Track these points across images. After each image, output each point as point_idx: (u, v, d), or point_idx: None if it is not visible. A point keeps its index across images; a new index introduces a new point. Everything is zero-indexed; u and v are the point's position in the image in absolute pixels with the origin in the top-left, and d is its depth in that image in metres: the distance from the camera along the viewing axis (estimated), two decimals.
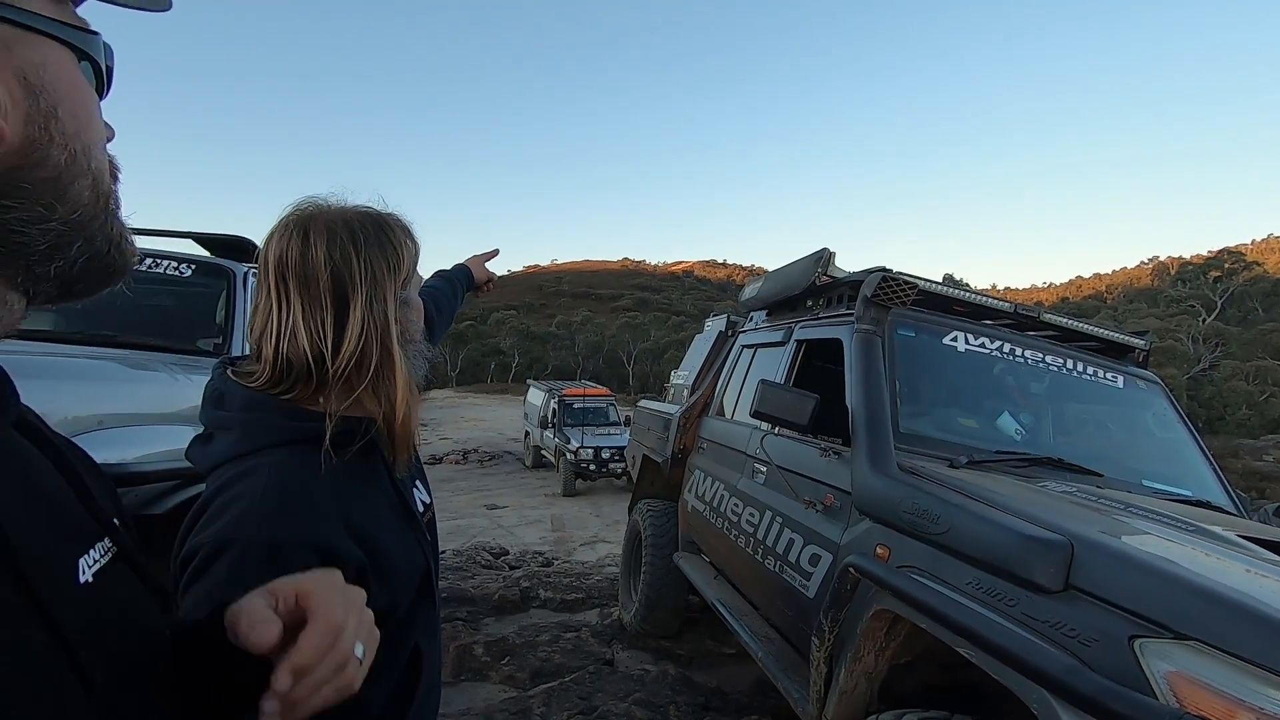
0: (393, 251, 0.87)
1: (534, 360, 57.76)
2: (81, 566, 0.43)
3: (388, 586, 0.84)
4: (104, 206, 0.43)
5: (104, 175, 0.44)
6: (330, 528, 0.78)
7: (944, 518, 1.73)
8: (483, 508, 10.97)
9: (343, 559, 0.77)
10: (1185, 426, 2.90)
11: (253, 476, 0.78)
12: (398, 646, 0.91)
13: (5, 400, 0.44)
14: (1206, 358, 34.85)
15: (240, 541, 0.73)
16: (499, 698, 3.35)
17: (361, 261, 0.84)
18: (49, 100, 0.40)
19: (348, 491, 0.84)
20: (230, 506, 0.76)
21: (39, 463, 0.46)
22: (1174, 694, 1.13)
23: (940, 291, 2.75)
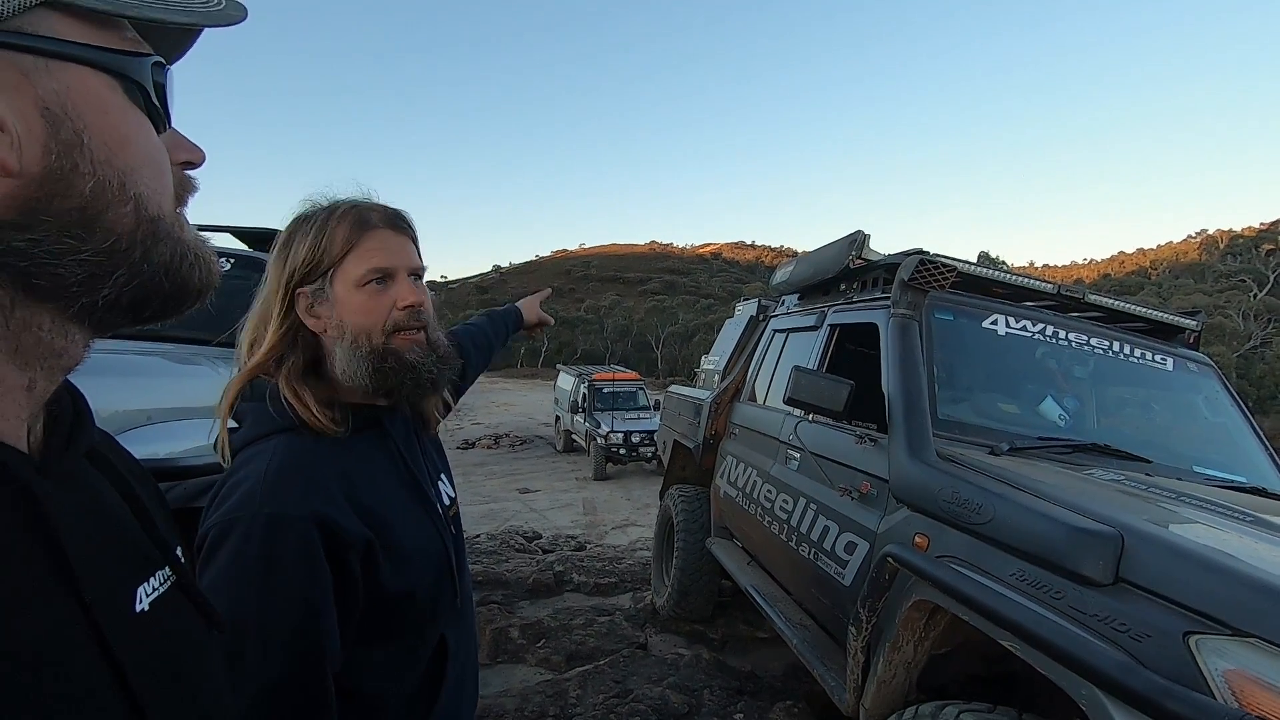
0: (293, 245, 0.92)
1: (563, 345, 58.05)
2: (140, 595, 0.43)
3: (402, 568, 0.86)
4: (149, 232, 0.42)
5: (152, 200, 0.42)
6: (332, 504, 0.80)
7: (986, 507, 1.69)
8: (515, 491, 11.12)
9: (345, 533, 0.79)
10: (1239, 409, 2.79)
11: (257, 459, 0.82)
12: (418, 637, 0.92)
13: (83, 430, 0.45)
14: (1258, 335, 33.56)
15: (245, 519, 0.76)
16: (535, 680, 3.40)
17: (278, 258, 0.93)
18: (73, 128, 0.39)
19: (356, 473, 0.86)
20: (237, 488, 0.79)
21: (106, 492, 0.46)
22: (1233, 693, 1.09)
23: (979, 274, 2.68)
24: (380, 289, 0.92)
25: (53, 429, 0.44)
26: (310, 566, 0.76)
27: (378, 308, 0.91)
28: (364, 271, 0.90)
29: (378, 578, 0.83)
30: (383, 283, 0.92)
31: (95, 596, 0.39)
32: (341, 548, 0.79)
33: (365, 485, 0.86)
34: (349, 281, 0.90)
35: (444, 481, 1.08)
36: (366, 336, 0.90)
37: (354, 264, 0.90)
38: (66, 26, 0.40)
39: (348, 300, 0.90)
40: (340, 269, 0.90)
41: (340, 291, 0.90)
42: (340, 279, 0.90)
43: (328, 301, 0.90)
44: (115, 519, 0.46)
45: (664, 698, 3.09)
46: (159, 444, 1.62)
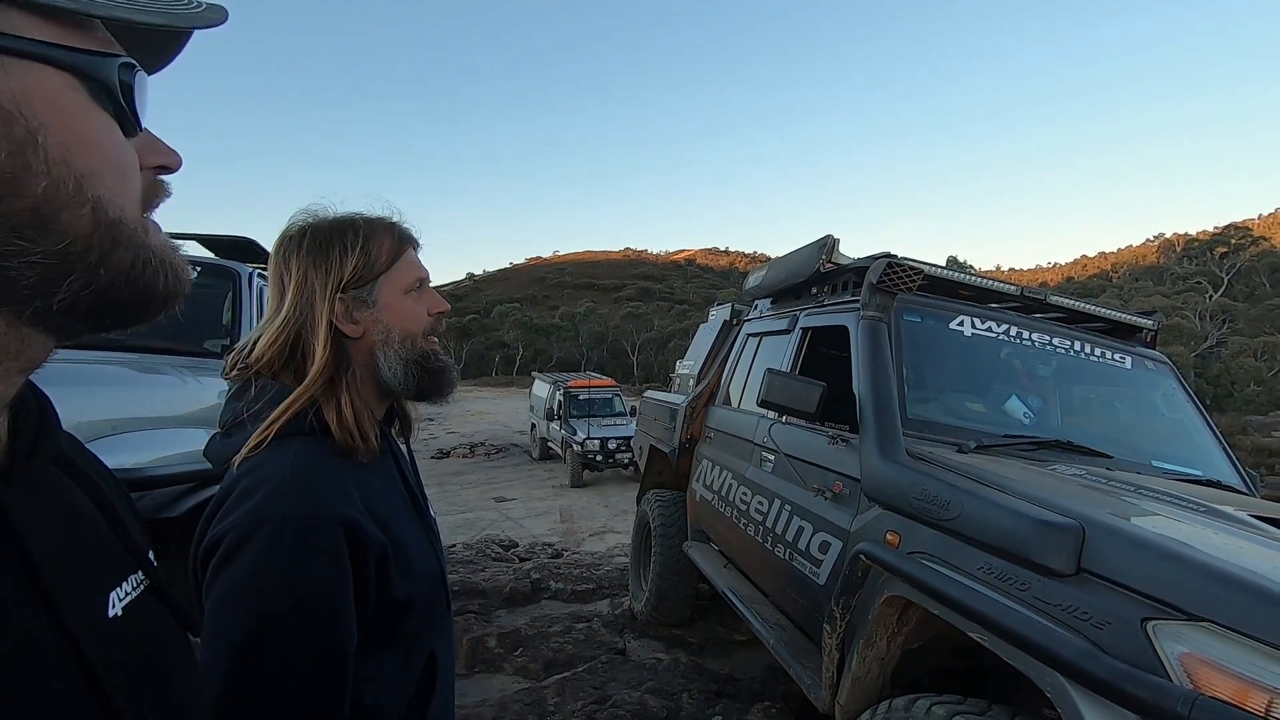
0: (333, 254, 0.92)
1: (538, 352, 57.83)
2: (112, 600, 0.43)
3: (407, 579, 0.87)
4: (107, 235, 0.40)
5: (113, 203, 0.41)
6: (355, 507, 0.81)
7: (954, 503, 1.73)
8: (491, 500, 11.03)
9: (369, 539, 0.80)
10: (1194, 406, 2.89)
11: (279, 460, 0.81)
12: (414, 650, 0.92)
13: (49, 436, 0.44)
14: (1214, 334, 34.69)
15: (274, 519, 0.75)
16: (513, 689, 3.38)
17: (297, 263, 0.92)
18: (26, 127, 0.37)
19: (368, 482, 0.87)
20: (258, 488, 0.78)
21: (75, 496, 0.46)
22: (1188, 675, 1.13)
23: (946, 276, 2.74)
24: (419, 296, 0.98)
25: (17, 434, 0.43)
26: (338, 570, 0.76)
27: (420, 313, 0.98)
28: (413, 280, 0.97)
29: (389, 586, 0.83)
30: (419, 290, 0.98)
31: (66, 602, 0.38)
32: (362, 552, 0.79)
33: (377, 498, 0.88)
34: (398, 288, 0.95)
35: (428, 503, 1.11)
36: (412, 340, 0.96)
37: (403, 273, 0.96)
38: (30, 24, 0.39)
39: (396, 305, 0.95)
40: (388, 277, 0.95)
41: (388, 297, 0.94)
42: (388, 286, 0.95)
43: (371, 307, 0.93)
44: (85, 524, 0.46)
45: (643, 702, 3.09)
46: (125, 454, 1.58)
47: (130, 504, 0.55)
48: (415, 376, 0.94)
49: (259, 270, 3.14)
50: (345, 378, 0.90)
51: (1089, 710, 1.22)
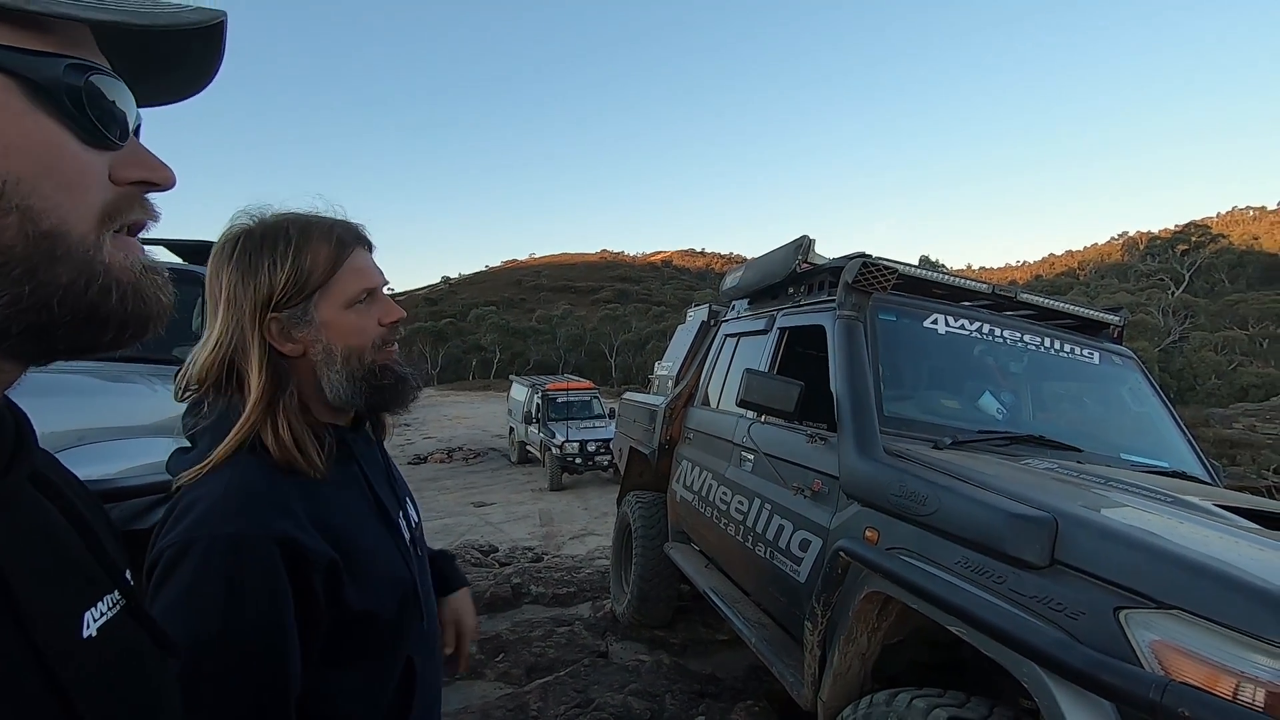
0: (260, 266, 0.85)
1: (515, 356, 57.53)
2: (87, 620, 0.42)
3: (367, 589, 0.84)
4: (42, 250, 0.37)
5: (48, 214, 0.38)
6: (294, 523, 0.78)
7: (931, 499, 1.75)
8: (470, 505, 10.94)
9: (310, 554, 0.78)
10: (1160, 399, 2.96)
11: (218, 477, 0.80)
12: (384, 661, 0.91)
13: (24, 454, 0.43)
14: (1176, 330, 35.64)
15: (204, 539, 0.74)
16: (495, 695, 3.35)
17: (225, 276, 0.86)
18: None
19: (320, 493, 0.85)
20: (194, 506, 0.77)
21: (51, 516, 0.45)
22: (1159, 662, 1.16)
23: (920, 275, 2.78)
24: (366, 308, 0.91)
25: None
26: (273, 588, 0.74)
27: (368, 326, 0.91)
28: (356, 291, 0.90)
29: (342, 599, 0.81)
30: (366, 301, 0.91)
31: (38, 623, 0.38)
32: (305, 568, 0.77)
33: (329, 506, 0.85)
34: (337, 303, 0.88)
35: (409, 504, 1.08)
36: (359, 357, 0.90)
37: (343, 285, 0.89)
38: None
39: (337, 322, 0.88)
40: (326, 290, 0.88)
41: (328, 313, 0.88)
42: (327, 301, 0.88)
43: (311, 325, 0.87)
44: (59, 543, 0.44)
45: (626, 705, 3.08)
46: (92, 465, 1.54)
47: (107, 521, 0.54)
48: (363, 394, 0.90)
49: None
50: (283, 399, 0.85)
51: (1064, 699, 1.25)
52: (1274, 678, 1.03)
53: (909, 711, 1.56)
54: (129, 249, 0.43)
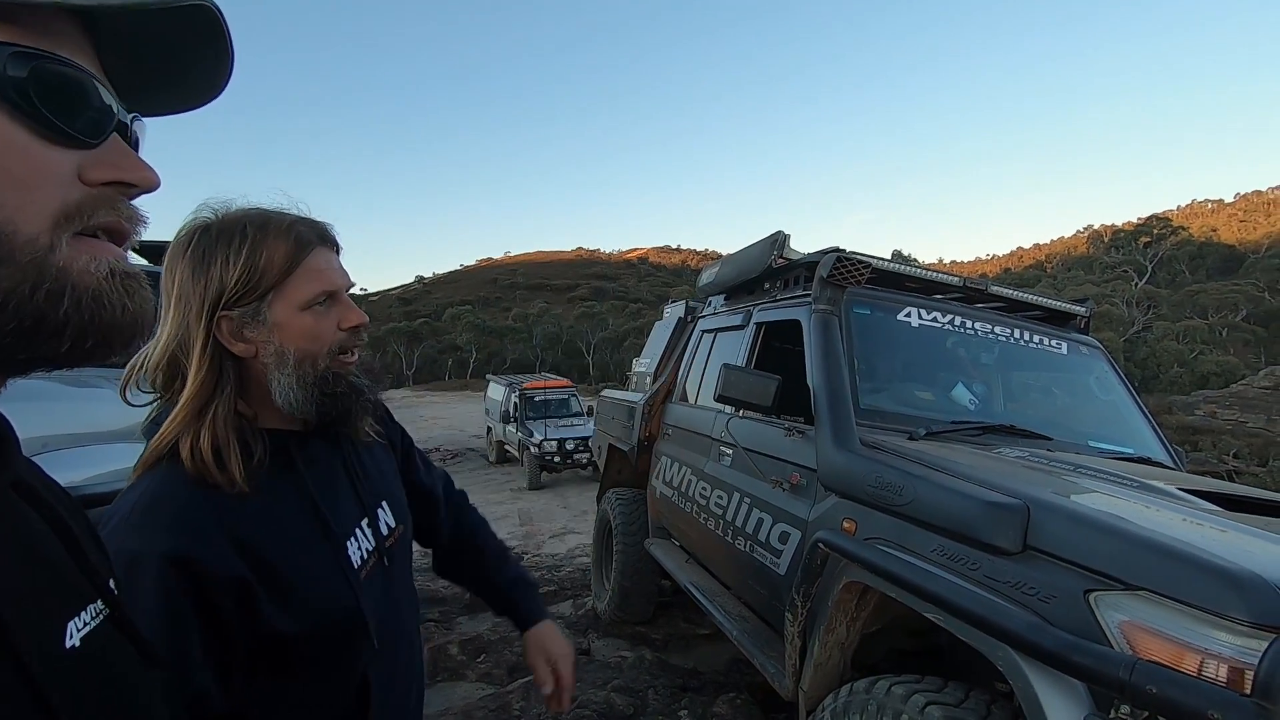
0: (211, 263, 0.81)
1: (492, 355, 57.10)
2: (70, 630, 0.41)
3: (291, 609, 0.80)
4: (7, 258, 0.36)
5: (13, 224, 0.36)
6: (196, 540, 0.74)
7: (907, 489, 1.78)
8: None
9: (211, 572, 0.74)
10: (1125, 388, 3.04)
11: (131, 491, 0.77)
12: (326, 677, 0.86)
13: (7, 462, 0.42)
14: (1140, 320, 36.55)
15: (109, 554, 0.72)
16: (477, 695, 3.33)
17: (176, 272, 0.82)
18: None
19: (246, 507, 0.79)
20: (110, 519, 0.75)
21: (34, 524, 0.44)
22: (1128, 642, 1.19)
23: (893, 269, 2.82)
24: (324, 310, 0.87)
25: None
26: (165, 607, 0.71)
27: (324, 330, 0.87)
28: (313, 294, 0.85)
29: (260, 618, 0.77)
30: (324, 304, 0.87)
31: (20, 633, 0.37)
32: (207, 587, 0.73)
33: (253, 520, 0.80)
34: (293, 304, 0.84)
35: (385, 509, 1.02)
36: (312, 362, 0.85)
37: (299, 286, 0.84)
38: None
39: (291, 324, 0.84)
40: (281, 291, 0.83)
41: (282, 315, 0.83)
42: (281, 301, 0.83)
43: (263, 325, 0.83)
44: (42, 553, 0.43)
45: (609, 701, 3.09)
46: (58, 473, 1.49)
47: (90, 528, 0.53)
48: (314, 402, 0.85)
49: None
50: (217, 402, 0.81)
51: (1038, 681, 1.28)
52: (1235, 654, 1.07)
53: (888, 698, 1.59)
54: (96, 252, 0.40)
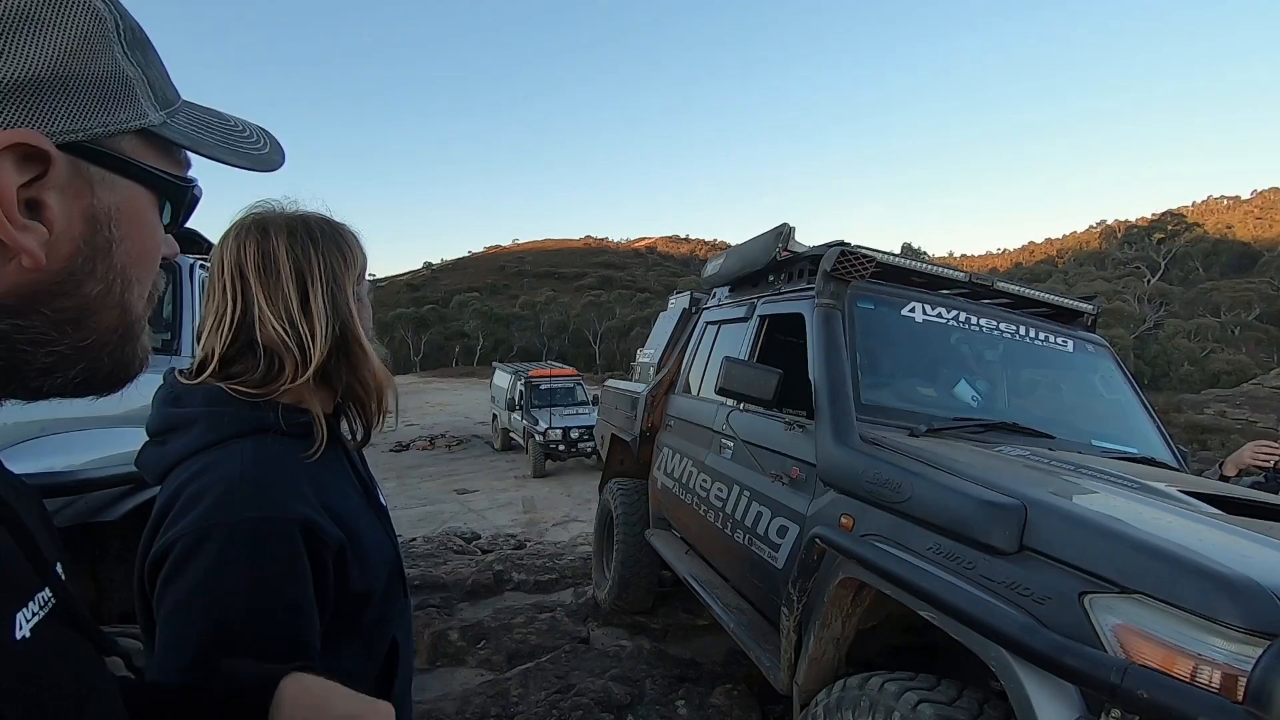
0: (348, 249, 0.92)
1: (499, 342, 57.20)
2: (19, 622, 0.41)
3: (365, 571, 0.86)
4: (122, 334, 0.44)
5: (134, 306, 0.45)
6: (310, 506, 0.79)
7: (905, 486, 1.77)
8: (452, 492, 10.91)
9: (326, 537, 0.79)
10: (1131, 386, 3.01)
11: (226, 464, 0.78)
12: (375, 640, 0.93)
13: None
14: (1151, 317, 36.24)
15: (226, 525, 0.73)
16: (476, 681, 3.36)
17: (320, 256, 0.88)
18: (107, 237, 0.41)
19: (320, 478, 0.86)
20: (205, 494, 0.75)
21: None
22: (1121, 645, 1.19)
23: (898, 264, 2.80)
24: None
25: None
26: (299, 570, 0.75)
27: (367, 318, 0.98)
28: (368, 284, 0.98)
29: (347, 580, 0.83)
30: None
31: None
32: (321, 551, 0.78)
33: (328, 490, 0.86)
34: (363, 291, 0.96)
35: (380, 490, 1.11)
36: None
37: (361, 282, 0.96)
38: (138, 148, 0.43)
39: (361, 307, 0.95)
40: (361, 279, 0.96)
41: (363, 298, 0.96)
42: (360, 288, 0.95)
43: (363, 304, 0.95)
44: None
45: (606, 690, 3.10)
46: (54, 457, 1.50)
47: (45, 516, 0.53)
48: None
49: (201, 262, 3.03)
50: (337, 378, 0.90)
51: (1030, 682, 1.27)
52: (1229, 660, 1.06)
53: (881, 695, 1.59)
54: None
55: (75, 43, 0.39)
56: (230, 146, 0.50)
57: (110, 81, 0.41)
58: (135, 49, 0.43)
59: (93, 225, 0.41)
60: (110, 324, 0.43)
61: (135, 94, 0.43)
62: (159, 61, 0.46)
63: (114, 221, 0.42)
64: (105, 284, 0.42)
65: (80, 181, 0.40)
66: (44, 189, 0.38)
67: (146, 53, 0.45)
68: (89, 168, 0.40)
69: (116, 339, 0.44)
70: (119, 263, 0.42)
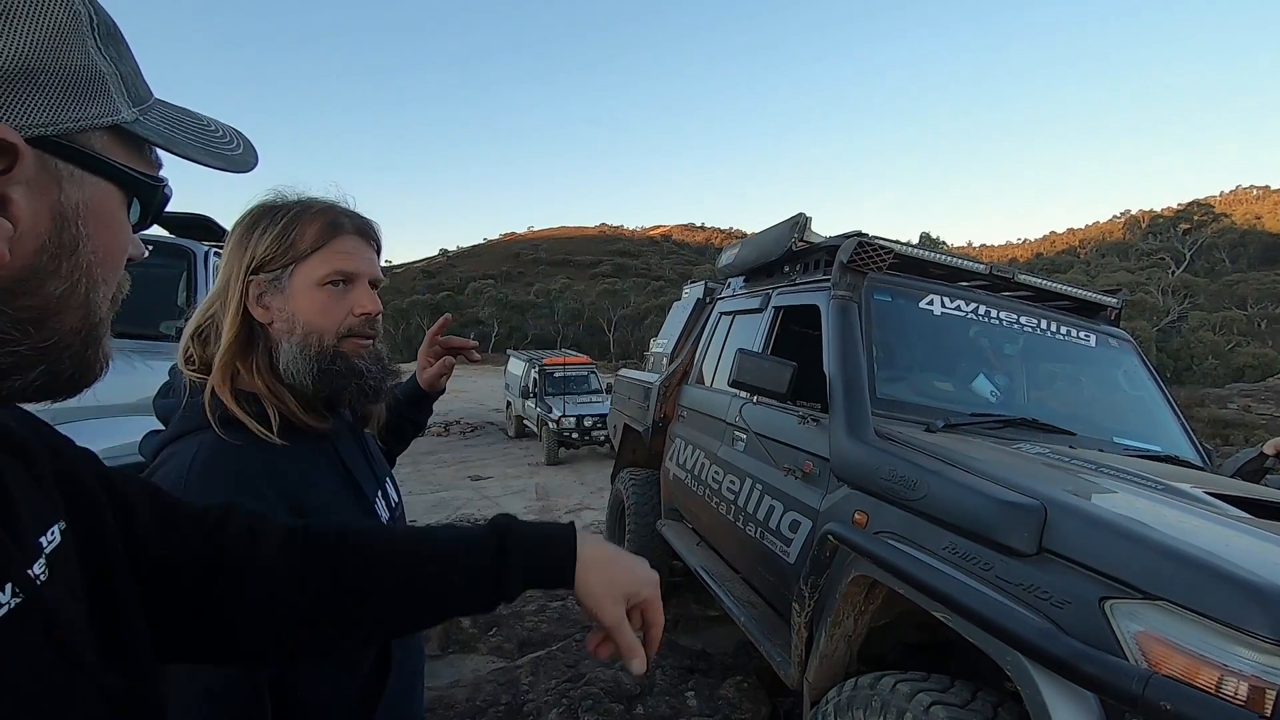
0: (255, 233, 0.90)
1: (513, 329, 57.35)
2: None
3: None
4: (85, 336, 0.43)
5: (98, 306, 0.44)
6: (260, 499, 0.79)
7: (921, 483, 1.74)
8: (466, 479, 10.97)
9: None
10: (1155, 382, 2.94)
11: (182, 455, 0.81)
12: None
13: None
14: (1175, 310, 35.58)
15: None
16: (487, 668, 3.38)
17: (229, 243, 0.92)
18: (74, 235, 0.41)
19: (289, 470, 0.85)
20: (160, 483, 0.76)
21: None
22: (1143, 654, 1.15)
23: (916, 255, 2.74)
24: (340, 292, 0.92)
25: None
26: None
27: (335, 310, 0.92)
28: (328, 272, 0.91)
29: None
30: (341, 286, 0.93)
31: None
32: None
33: (299, 483, 0.85)
34: (310, 279, 0.90)
35: (389, 485, 1.09)
36: (319, 336, 0.91)
37: (319, 263, 0.91)
38: (109, 144, 0.43)
39: (306, 297, 0.90)
40: (303, 265, 0.90)
41: (299, 286, 0.90)
42: (301, 275, 0.90)
43: (282, 294, 0.90)
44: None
45: (616, 680, 3.11)
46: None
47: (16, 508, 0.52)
48: (312, 374, 0.90)
49: (215, 249, 3.04)
50: (254, 356, 0.89)
51: (1047, 688, 1.24)
52: (1257, 671, 1.02)
53: (893, 695, 1.57)
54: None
55: (48, 35, 0.38)
56: (203, 146, 0.50)
57: (82, 76, 0.40)
58: (108, 43, 0.43)
59: (59, 222, 0.40)
60: (73, 325, 0.42)
61: (108, 89, 0.42)
62: (131, 57, 0.45)
63: (81, 219, 0.41)
64: (70, 283, 0.41)
65: (48, 177, 0.39)
66: (10, 183, 0.37)
67: (119, 47, 0.44)
68: (57, 163, 0.40)
69: (79, 341, 0.43)
70: (84, 261, 0.42)
